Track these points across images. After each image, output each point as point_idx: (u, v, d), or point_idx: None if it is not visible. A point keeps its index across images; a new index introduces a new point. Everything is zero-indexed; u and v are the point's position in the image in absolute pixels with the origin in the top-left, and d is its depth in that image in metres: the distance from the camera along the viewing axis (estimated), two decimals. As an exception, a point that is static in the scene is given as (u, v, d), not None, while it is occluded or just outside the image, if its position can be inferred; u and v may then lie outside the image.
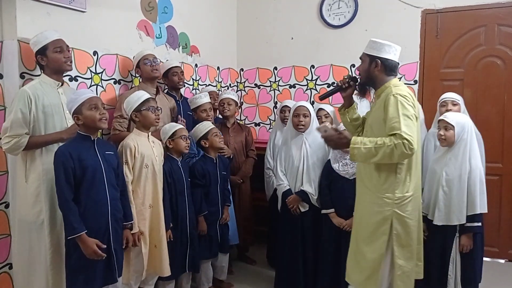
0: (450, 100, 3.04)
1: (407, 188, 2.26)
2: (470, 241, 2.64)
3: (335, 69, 4.35)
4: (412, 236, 2.30)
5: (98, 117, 2.22)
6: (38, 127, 2.36)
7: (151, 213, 2.64)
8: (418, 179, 2.34)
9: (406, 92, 2.23)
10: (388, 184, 2.26)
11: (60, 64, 2.45)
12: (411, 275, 2.33)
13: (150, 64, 3.06)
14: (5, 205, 2.53)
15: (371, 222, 2.32)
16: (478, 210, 2.59)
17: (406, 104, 2.16)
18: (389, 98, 2.19)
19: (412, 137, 2.08)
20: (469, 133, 2.65)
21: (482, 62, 3.83)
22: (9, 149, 2.30)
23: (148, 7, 3.44)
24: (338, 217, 2.96)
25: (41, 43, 2.40)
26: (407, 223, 2.27)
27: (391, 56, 2.33)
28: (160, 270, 2.68)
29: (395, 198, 2.25)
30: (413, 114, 2.17)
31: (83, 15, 2.84)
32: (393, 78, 2.34)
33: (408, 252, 2.30)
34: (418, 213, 2.36)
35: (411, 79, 4.05)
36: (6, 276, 2.56)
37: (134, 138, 2.60)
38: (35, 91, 2.34)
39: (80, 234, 2.14)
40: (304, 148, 3.07)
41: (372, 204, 2.32)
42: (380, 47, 2.33)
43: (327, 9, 4.34)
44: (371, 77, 2.35)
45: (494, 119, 3.80)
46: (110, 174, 2.30)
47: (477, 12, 3.80)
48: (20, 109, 2.28)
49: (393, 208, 2.26)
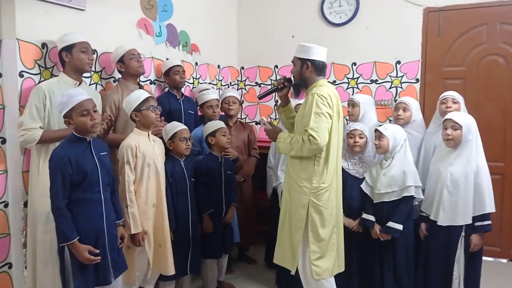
0: (451, 98, 3.02)
1: (324, 179, 2.49)
2: (481, 240, 2.62)
3: (336, 68, 4.33)
4: (327, 224, 2.52)
5: (89, 124, 2.14)
6: (52, 122, 2.45)
7: (154, 212, 2.63)
8: (334, 171, 2.55)
9: (326, 92, 2.44)
10: (307, 174, 2.50)
11: (83, 64, 2.56)
12: (326, 261, 2.53)
13: (136, 59, 2.97)
14: (4, 204, 2.52)
15: (293, 208, 2.54)
16: (487, 209, 2.56)
17: (320, 103, 2.39)
18: (309, 97, 2.46)
19: (318, 133, 2.35)
20: (475, 133, 2.62)
21: (484, 60, 3.81)
22: (23, 142, 2.39)
23: (148, 5, 3.42)
24: (347, 218, 2.94)
25: (69, 41, 2.52)
26: (321, 211, 2.50)
27: (319, 57, 2.54)
28: (165, 269, 2.68)
29: (312, 188, 2.48)
30: (326, 112, 2.40)
31: (82, 13, 2.83)
32: (322, 79, 2.58)
33: (322, 240, 2.50)
34: (335, 203, 2.57)
35: (413, 77, 4.03)
36: (6, 276, 2.55)
37: (134, 138, 2.58)
38: (50, 88, 2.43)
39: (72, 241, 2.09)
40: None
41: (294, 192, 2.55)
42: (308, 50, 2.53)
43: (328, 7, 4.32)
44: (304, 78, 2.57)
45: (496, 117, 3.78)
46: (104, 176, 2.26)
47: (479, 10, 3.78)
48: (35, 105, 2.39)
49: (310, 196, 2.48)
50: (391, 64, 4.12)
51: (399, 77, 4.09)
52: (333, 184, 2.55)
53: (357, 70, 4.25)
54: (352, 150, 3.00)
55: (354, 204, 2.95)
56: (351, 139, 2.99)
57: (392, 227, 2.78)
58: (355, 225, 2.94)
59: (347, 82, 4.30)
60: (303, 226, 2.50)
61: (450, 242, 2.66)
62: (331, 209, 2.54)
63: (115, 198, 2.39)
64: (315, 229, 2.49)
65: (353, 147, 2.98)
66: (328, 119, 2.40)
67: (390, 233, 2.79)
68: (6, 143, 2.51)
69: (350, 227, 2.93)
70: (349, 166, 3.00)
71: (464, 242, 2.64)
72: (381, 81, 4.17)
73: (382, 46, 4.13)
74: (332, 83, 4.33)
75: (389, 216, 2.81)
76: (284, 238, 2.62)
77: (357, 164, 3.00)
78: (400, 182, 2.78)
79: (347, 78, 4.30)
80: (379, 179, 2.83)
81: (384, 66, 4.14)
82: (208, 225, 3.01)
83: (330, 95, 2.45)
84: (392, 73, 4.12)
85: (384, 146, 2.84)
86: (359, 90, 4.23)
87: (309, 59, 2.52)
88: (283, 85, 2.69)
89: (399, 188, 2.78)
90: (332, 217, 2.55)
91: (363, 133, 2.98)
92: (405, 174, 2.78)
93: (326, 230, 2.52)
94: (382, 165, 2.88)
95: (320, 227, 2.49)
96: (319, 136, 2.35)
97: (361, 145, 2.97)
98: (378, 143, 2.86)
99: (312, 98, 2.41)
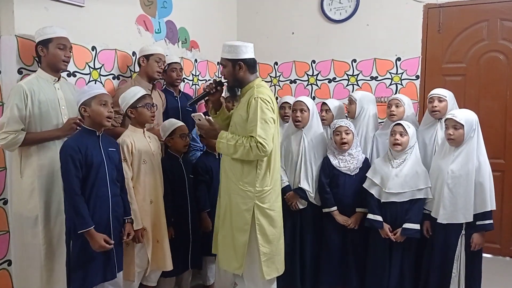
0: (437, 96, 2.95)
1: (267, 183, 2.48)
2: (483, 239, 2.57)
3: (336, 64, 4.32)
4: (275, 225, 2.52)
5: (105, 114, 2.24)
6: (34, 122, 2.35)
7: (152, 209, 2.63)
8: (277, 173, 2.58)
9: (267, 95, 2.43)
10: (250, 178, 2.46)
11: (58, 61, 2.43)
12: (275, 261, 2.53)
13: (159, 64, 3.08)
14: (4, 201, 2.52)
15: (238, 211, 2.49)
16: (489, 207, 2.53)
17: (265, 108, 2.37)
18: (252, 100, 2.39)
19: (266, 140, 2.33)
20: (476, 130, 2.59)
21: (484, 57, 3.80)
22: (6, 145, 2.30)
23: (147, 1, 3.41)
24: (342, 215, 2.94)
25: (46, 35, 2.40)
26: (268, 213, 2.49)
27: (249, 55, 2.49)
28: (163, 265, 2.68)
29: (256, 192, 2.45)
30: (271, 118, 2.39)
31: (81, 10, 2.82)
32: (257, 78, 2.55)
33: (272, 240, 2.50)
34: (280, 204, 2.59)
35: (413, 74, 4.02)
36: (5, 273, 2.55)
37: (130, 135, 2.59)
38: (31, 87, 2.33)
39: (90, 228, 2.15)
40: (303, 144, 3.03)
41: (236, 195, 2.49)
42: (237, 49, 2.46)
43: (328, 4, 4.30)
44: (238, 79, 2.51)
45: (496, 114, 3.77)
46: (112, 171, 2.32)
47: (479, 6, 3.77)
48: (16, 105, 2.28)
49: (254, 200, 2.46)
50: (391, 61, 4.11)
51: (399, 73, 4.08)
52: (276, 186, 2.57)
53: (357, 67, 4.24)
54: (340, 148, 2.95)
55: (347, 201, 2.93)
56: (337, 136, 2.93)
57: (410, 228, 2.72)
58: (352, 222, 2.92)
59: (347, 79, 4.29)
60: (249, 228, 2.46)
61: (450, 240, 2.64)
62: (279, 209, 2.57)
63: (124, 195, 2.43)
64: (263, 231, 2.47)
65: (341, 145, 2.92)
66: (273, 125, 2.41)
67: (409, 235, 2.73)
68: (5, 140, 2.49)
69: (346, 225, 2.91)
70: (340, 164, 2.96)
71: (464, 240, 2.61)
72: (381, 78, 4.16)
73: (382, 43, 4.12)
74: (332, 80, 4.33)
75: (397, 216, 2.77)
76: (227, 242, 2.57)
77: (347, 161, 2.96)
78: (413, 184, 2.74)
79: (347, 75, 4.29)
80: (391, 178, 2.76)
81: (384, 63, 4.13)
82: (207, 223, 3.01)
83: (271, 97, 2.45)
84: (392, 69, 4.11)
85: (405, 144, 2.77)
86: (359, 87, 4.22)
87: (240, 59, 2.46)
88: (216, 89, 2.58)
89: (411, 189, 2.74)
90: (280, 218, 2.57)
91: (348, 128, 2.92)
92: (418, 175, 2.75)
93: (275, 231, 2.52)
94: (392, 163, 2.81)
95: (268, 229, 2.49)
96: (267, 144, 2.34)
97: (348, 141, 2.92)
98: (400, 140, 2.77)
99: (256, 103, 2.36)
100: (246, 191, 2.46)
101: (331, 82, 4.36)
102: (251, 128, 2.37)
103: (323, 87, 4.38)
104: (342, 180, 2.95)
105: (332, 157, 2.98)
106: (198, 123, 2.52)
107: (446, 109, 2.91)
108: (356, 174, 2.95)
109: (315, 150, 3.04)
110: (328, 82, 4.36)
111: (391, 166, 2.81)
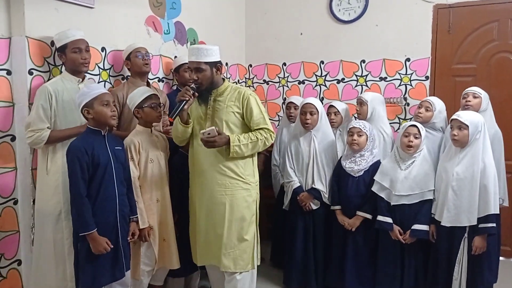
0: (472, 92, 2.99)
1: (257, 175, 2.69)
2: (484, 242, 2.52)
3: (344, 65, 4.31)
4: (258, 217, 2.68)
5: (109, 114, 2.26)
6: (59, 121, 2.44)
7: (158, 208, 2.65)
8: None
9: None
10: (249, 171, 2.62)
11: (77, 65, 2.51)
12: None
13: (141, 57, 2.95)
14: (14, 201, 2.54)
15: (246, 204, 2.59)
16: (492, 210, 2.48)
17: (260, 103, 2.59)
18: (248, 98, 2.53)
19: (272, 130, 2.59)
20: (482, 132, 2.56)
21: (495, 57, 3.76)
22: (32, 143, 2.39)
23: (156, 2, 3.42)
24: (342, 215, 2.96)
25: (61, 41, 2.48)
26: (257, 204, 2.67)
27: (219, 57, 2.55)
28: (170, 264, 2.69)
29: (255, 182, 2.66)
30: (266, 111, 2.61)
31: (91, 11, 2.84)
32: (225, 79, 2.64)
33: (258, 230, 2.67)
34: None
35: (423, 75, 4.00)
36: (15, 273, 2.57)
37: (137, 134, 2.60)
38: (55, 87, 2.42)
39: (93, 231, 2.16)
40: (313, 145, 3.04)
41: (240, 190, 2.58)
42: (212, 52, 2.49)
43: (337, 4, 4.28)
44: (213, 82, 2.56)
45: (507, 115, 3.72)
46: (119, 170, 2.33)
47: (489, 7, 3.73)
48: (41, 105, 2.37)
49: (256, 190, 2.66)
50: (400, 61, 4.08)
51: (408, 74, 4.06)
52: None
53: (366, 67, 4.22)
54: (350, 148, 2.97)
55: (355, 201, 2.93)
56: (350, 136, 2.94)
57: (419, 229, 2.71)
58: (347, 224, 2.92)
59: (356, 79, 4.27)
60: (255, 219, 2.63)
61: (452, 243, 2.60)
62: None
63: (131, 194, 2.44)
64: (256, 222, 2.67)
65: (351, 145, 2.93)
66: None
67: (418, 236, 2.72)
68: (15, 140, 2.53)
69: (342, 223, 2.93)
70: (347, 164, 2.97)
71: (467, 244, 2.56)
72: (390, 78, 4.13)
73: (391, 43, 4.09)
74: (341, 80, 4.31)
75: (407, 218, 2.76)
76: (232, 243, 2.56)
77: (356, 162, 2.95)
78: (423, 185, 2.73)
79: (355, 75, 4.27)
80: (400, 180, 2.75)
81: (393, 64, 4.11)
82: None
83: None
84: (401, 70, 4.08)
85: (417, 146, 2.77)
86: (368, 88, 4.20)
87: (217, 62, 2.52)
88: (193, 95, 2.48)
89: (421, 191, 2.73)
90: None
91: (362, 130, 2.91)
92: (427, 175, 2.74)
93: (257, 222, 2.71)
94: (400, 165, 2.80)
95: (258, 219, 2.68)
96: (274, 133, 2.62)
97: (359, 143, 2.90)
98: (414, 142, 2.75)
99: (253, 98, 2.55)
100: (250, 182, 2.61)
101: (340, 83, 4.34)
102: (258, 121, 2.54)
103: (332, 88, 4.37)
104: (345, 180, 2.97)
105: (344, 157, 3.00)
106: (207, 138, 2.39)
107: (479, 106, 2.96)
108: (360, 176, 2.94)
109: (326, 151, 3.06)
110: (336, 83, 4.35)
111: (399, 168, 2.80)
